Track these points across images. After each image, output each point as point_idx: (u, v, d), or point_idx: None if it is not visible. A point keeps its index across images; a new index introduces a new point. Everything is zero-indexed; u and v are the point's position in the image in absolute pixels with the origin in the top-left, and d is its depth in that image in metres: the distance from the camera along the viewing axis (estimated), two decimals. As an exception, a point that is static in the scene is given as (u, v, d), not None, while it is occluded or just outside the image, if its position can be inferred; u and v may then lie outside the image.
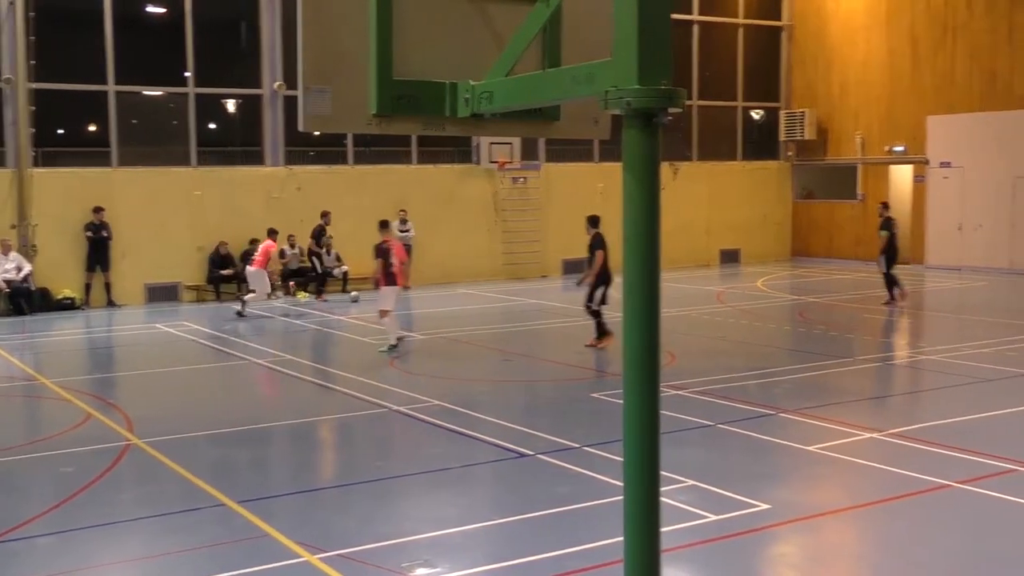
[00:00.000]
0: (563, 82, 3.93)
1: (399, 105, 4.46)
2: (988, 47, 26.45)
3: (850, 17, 29.64)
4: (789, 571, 7.51)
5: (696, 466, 9.44)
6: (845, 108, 29.97)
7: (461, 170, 26.33)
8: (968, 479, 8.98)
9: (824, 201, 30.98)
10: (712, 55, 30.36)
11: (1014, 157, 25.89)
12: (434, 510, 8.61)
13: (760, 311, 20.70)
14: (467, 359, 16.00)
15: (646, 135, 3.46)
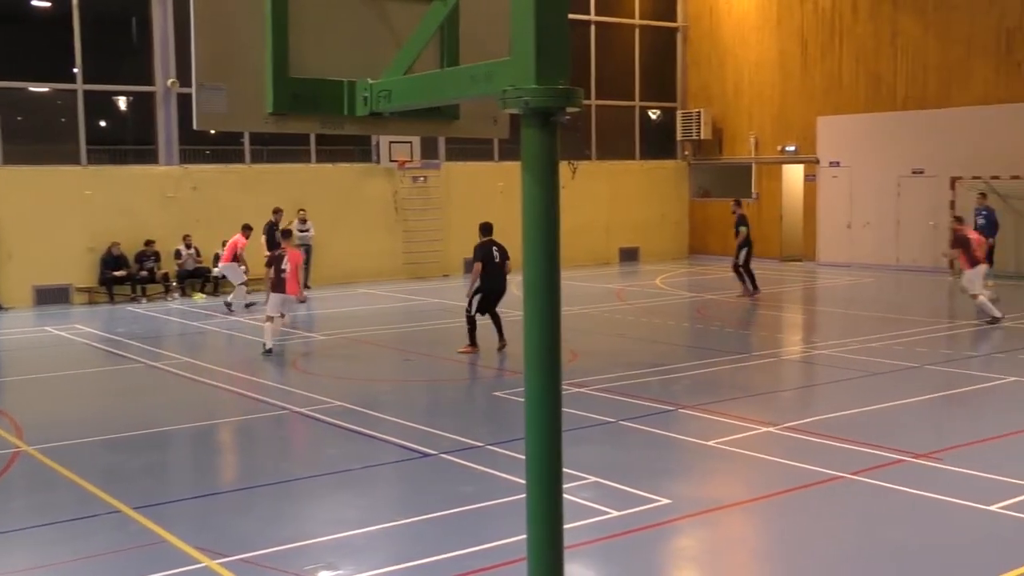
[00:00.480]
0: (461, 81, 3.92)
1: (296, 103, 4.41)
2: (872, 50, 27.28)
3: (742, 19, 30.26)
4: (689, 564, 7.63)
5: (598, 463, 9.53)
6: (739, 108, 30.59)
7: (361, 169, 26.14)
8: (860, 470, 9.24)
9: (720, 200, 31.54)
10: (609, 55, 30.69)
11: (898, 157, 26.75)
12: (336, 512, 8.53)
13: (659, 308, 20.99)
14: (368, 359, 15.89)
15: (544, 134, 3.47)
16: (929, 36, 26.06)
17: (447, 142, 27.02)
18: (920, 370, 13.97)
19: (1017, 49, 24.48)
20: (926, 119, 26.15)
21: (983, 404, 12.01)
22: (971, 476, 9.03)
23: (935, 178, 25.73)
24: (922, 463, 9.47)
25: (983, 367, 13.96)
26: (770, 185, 30.18)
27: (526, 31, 3.43)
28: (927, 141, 26.13)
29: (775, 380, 14.06)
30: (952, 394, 12.49)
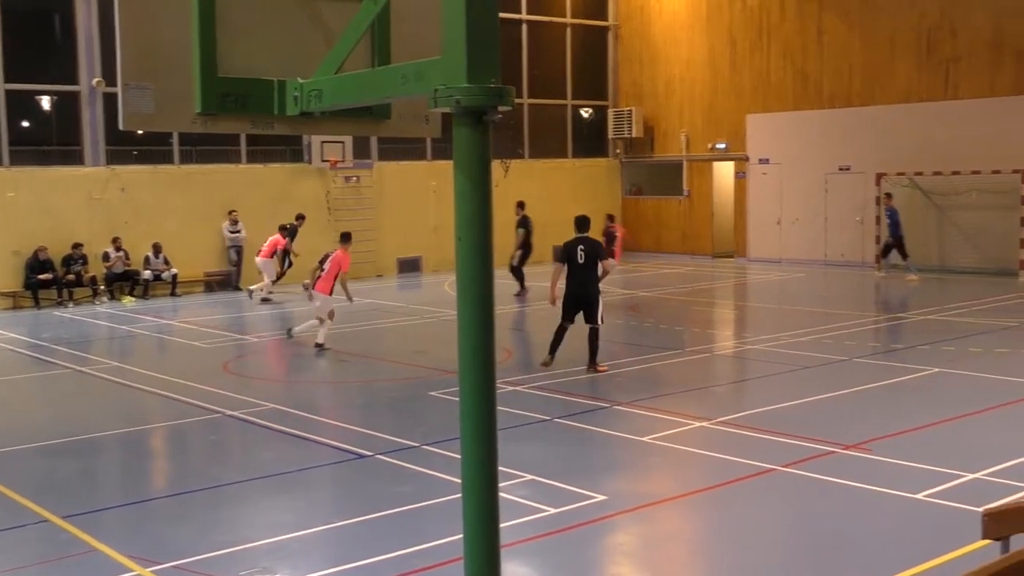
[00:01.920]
0: (392, 80, 3.91)
1: (225, 103, 4.35)
2: (799, 49, 27.72)
3: (673, 18, 30.54)
4: (626, 560, 7.69)
5: (534, 461, 9.56)
6: (670, 106, 30.87)
7: (293, 169, 25.89)
8: (792, 462, 9.39)
9: (652, 197, 31.84)
10: (541, 54, 30.78)
11: (825, 154, 27.21)
12: (272, 515, 8.45)
13: (593, 305, 21.08)
14: (303, 361, 15.76)
15: (476, 133, 3.48)
16: (854, 35, 26.55)
17: (379, 141, 26.87)
18: (849, 363, 14.22)
19: (937, 48, 25.04)
20: (852, 117, 26.65)
21: (909, 395, 12.27)
22: (899, 465, 9.22)
23: (861, 174, 26.23)
24: (852, 454, 9.65)
25: (909, 359, 14.26)
26: (701, 182, 30.51)
27: (457, 30, 3.43)
28: (853, 138, 26.62)
29: (709, 375, 14.22)
30: (879, 386, 12.74)
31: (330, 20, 4.58)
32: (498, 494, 3.74)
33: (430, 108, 3.57)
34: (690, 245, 30.64)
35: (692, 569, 7.56)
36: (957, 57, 24.74)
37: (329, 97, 4.24)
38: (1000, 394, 11.89)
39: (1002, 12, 23.92)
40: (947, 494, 8.38)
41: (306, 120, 4.51)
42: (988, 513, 5.39)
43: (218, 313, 21.21)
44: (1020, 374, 12.92)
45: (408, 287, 25.28)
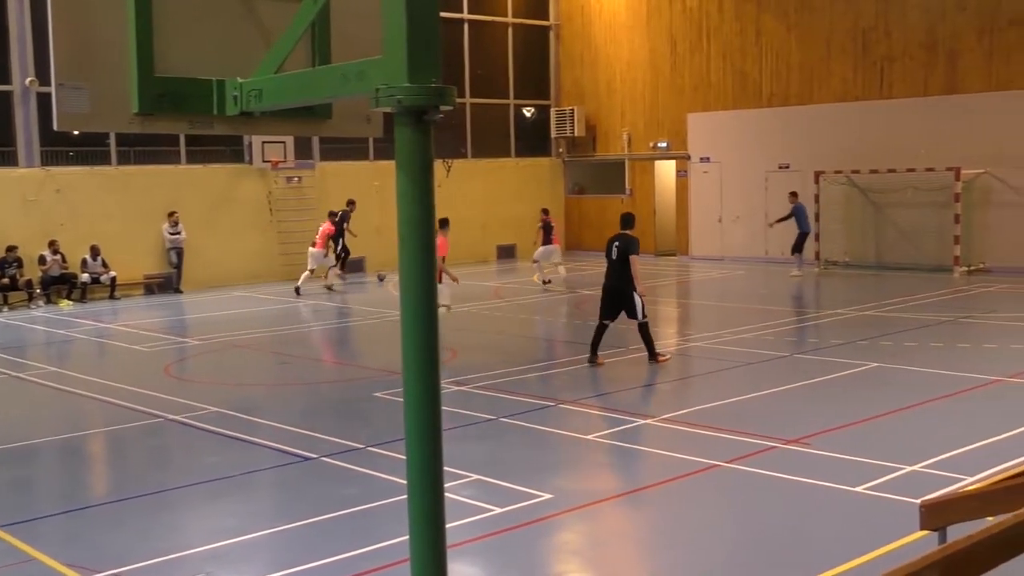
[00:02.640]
0: (333, 80, 3.88)
1: (163, 103, 4.29)
2: (739, 49, 28.02)
3: (613, 18, 30.71)
4: (572, 557, 7.71)
5: (480, 460, 9.56)
6: (612, 106, 31.04)
7: (233, 170, 25.63)
8: (734, 458, 9.48)
9: (595, 196, 31.99)
10: (483, 53, 30.79)
11: (765, 152, 27.54)
12: (214, 520, 8.36)
13: (537, 305, 21.16)
14: (245, 363, 15.61)
15: (418, 133, 3.47)
16: (792, 36, 26.90)
17: (321, 141, 26.70)
18: (789, 359, 14.41)
19: (872, 49, 25.46)
20: (790, 116, 27.00)
21: (848, 389, 12.46)
22: (838, 459, 9.36)
23: (800, 172, 26.56)
24: (793, 448, 9.77)
25: (847, 354, 14.48)
26: (643, 181, 30.72)
27: (397, 29, 3.42)
28: (792, 137, 26.97)
29: (652, 373, 14.31)
30: (819, 381, 12.91)
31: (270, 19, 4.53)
32: (443, 494, 3.73)
33: (372, 108, 3.55)
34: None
35: (637, 566, 7.61)
36: (892, 57, 25.17)
37: (269, 97, 4.20)
38: (936, 388, 12.12)
39: (934, 14, 24.39)
40: (886, 487, 8.51)
41: (246, 120, 4.47)
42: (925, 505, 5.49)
43: (158, 316, 20.93)
44: (955, 368, 13.18)
45: (350, 287, 25.13)
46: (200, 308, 21.75)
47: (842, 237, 25.75)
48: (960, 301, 19.72)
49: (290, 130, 4.91)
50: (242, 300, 22.72)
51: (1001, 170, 23.51)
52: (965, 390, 12.00)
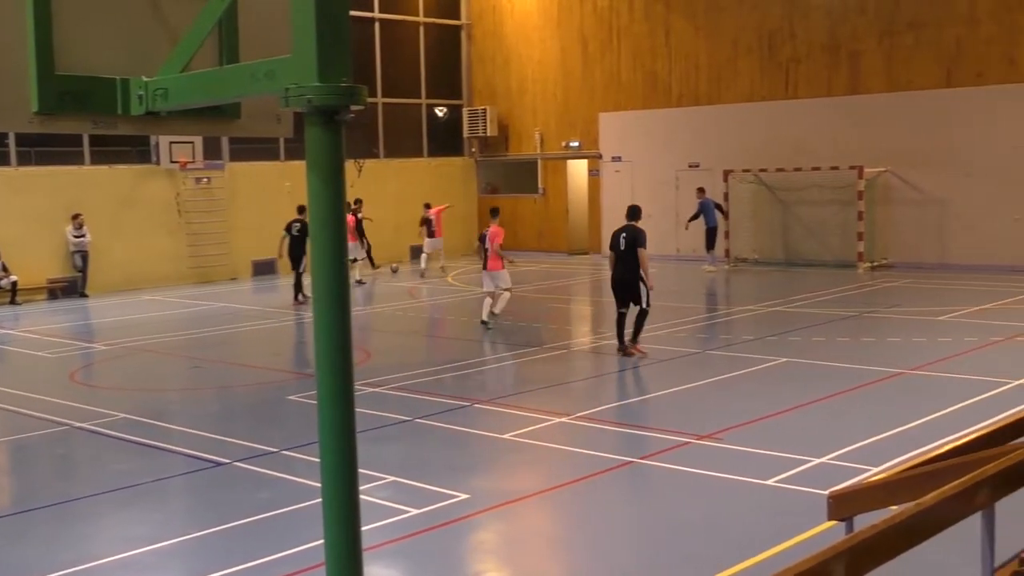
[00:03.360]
0: (242, 79, 3.82)
1: (64, 102, 4.17)
2: (648, 49, 28.35)
3: (525, 18, 30.83)
4: (489, 557, 7.73)
5: (396, 462, 9.52)
6: (524, 105, 31.15)
7: (140, 171, 25.10)
8: (649, 454, 9.60)
9: (508, 196, 32.07)
10: (395, 53, 30.65)
11: (675, 152, 27.91)
12: (124, 529, 8.18)
13: (452, 305, 21.14)
14: (155, 368, 15.30)
15: (329, 133, 3.43)
16: (700, 37, 27.30)
17: (231, 142, 26.30)
18: (702, 355, 14.63)
19: (778, 50, 25.97)
20: (699, 115, 27.40)
21: (758, 384, 12.69)
22: (749, 453, 9.53)
23: (710, 171, 26.98)
24: (705, 444, 9.92)
25: (758, 350, 14.75)
26: (556, 180, 30.90)
27: (307, 28, 3.38)
28: (701, 136, 27.38)
29: (567, 371, 14.40)
30: (731, 376, 13.12)
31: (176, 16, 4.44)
32: (359, 497, 3.71)
33: (281, 107, 3.51)
34: (546, 242, 30.99)
35: (554, 564, 7.65)
36: (797, 58, 25.72)
37: (175, 96, 4.12)
38: (842, 381, 12.41)
39: (836, 16, 24.98)
40: (795, 479, 8.70)
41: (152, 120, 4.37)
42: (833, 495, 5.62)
43: (63, 321, 20.40)
44: (860, 361, 13.52)
45: (263, 290, 24.82)
46: (107, 312, 21.25)
47: (751, 234, 26.23)
48: (864, 296, 20.24)
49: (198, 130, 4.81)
50: (151, 304, 22.27)
51: (901, 168, 24.19)
52: (870, 383, 12.32)
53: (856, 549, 3.95)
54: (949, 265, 23.40)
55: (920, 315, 17.26)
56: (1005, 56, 22.66)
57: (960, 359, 13.49)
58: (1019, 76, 22.49)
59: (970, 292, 19.70)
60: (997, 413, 10.01)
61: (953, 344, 14.43)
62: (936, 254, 23.82)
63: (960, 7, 23.14)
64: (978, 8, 22.90)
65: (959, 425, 9.86)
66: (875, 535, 4.08)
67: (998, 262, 22.72)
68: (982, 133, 22.96)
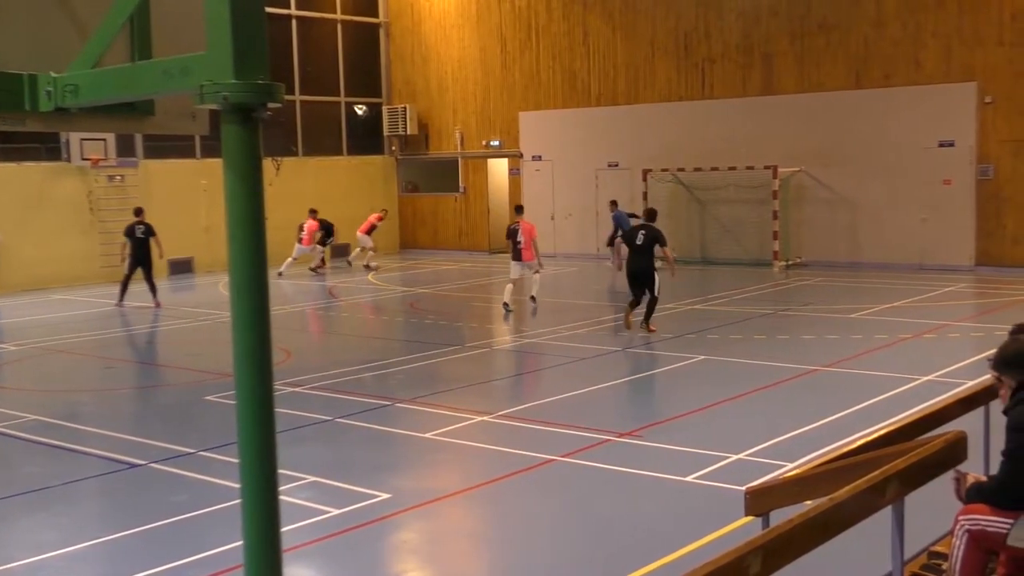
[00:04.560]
0: (155, 75, 3.75)
1: (-31, 98, 4.06)
2: (567, 49, 28.52)
3: (443, 16, 30.78)
4: (411, 556, 7.70)
5: (316, 462, 9.44)
6: (444, 104, 31.11)
7: (50, 168, 24.48)
8: (569, 452, 9.65)
9: (428, 194, 32.01)
10: (313, 50, 30.37)
11: (595, 151, 28.12)
12: (32, 534, 7.97)
13: (372, 304, 21.01)
14: (66, 369, 14.94)
15: (246, 130, 3.39)
16: (617, 37, 27.54)
17: (145, 139, 25.79)
18: (622, 353, 14.76)
19: (694, 50, 26.32)
20: (618, 115, 27.64)
21: (677, 382, 12.86)
22: (668, 450, 9.65)
23: (629, 170, 27.23)
24: (625, 441, 10.02)
25: (677, 348, 14.93)
26: (476, 179, 30.91)
27: (221, 24, 3.33)
28: (620, 136, 27.62)
29: (488, 370, 14.43)
30: (650, 374, 13.28)
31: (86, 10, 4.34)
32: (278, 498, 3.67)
33: (196, 105, 3.45)
34: (467, 241, 30.99)
35: (476, 562, 7.66)
36: (712, 59, 26.08)
37: (86, 92, 4.02)
38: (759, 378, 12.63)
39: (750, 18, 25.39)
40: (713, 475, 8.82)
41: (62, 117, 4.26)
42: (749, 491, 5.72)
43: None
44: (777, 358, 13.77)
45: (181, 289, 24.40)
46: (16, 312, 20.69)
47: (669, 233, 26.47)
48: (780, 294, 20.62)
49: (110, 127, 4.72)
50: (62, 303, 21.74)
51: (814, 168, 24.69)
52: (785, 380, 12.55)
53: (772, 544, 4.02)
54: (860, 263, 23.95)
55: (833, 313, 17.64)
56: (911, 58, 23.27)
57: (871, 356, 13.81)
58: (924, 78, 23.11)
59: (880, 290, 20.19)
60: (907, 409, 10.28)
61: (864, 341, 14.78)
62: (848, 253, 24.37)
63: (867, 9, 23.69)
64: (884, 10, 23.47)
65: (871, 421, 10.10)
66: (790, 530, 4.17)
67: (906, 260, 23.34)
68: (890, 134, 23.54)
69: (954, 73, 22.75)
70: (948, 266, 22.82)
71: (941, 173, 23.03)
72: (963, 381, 11.58)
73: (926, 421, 6.28)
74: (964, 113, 22.67)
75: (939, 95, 22.89)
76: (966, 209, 22.85)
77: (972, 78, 22.52)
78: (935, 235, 23.16)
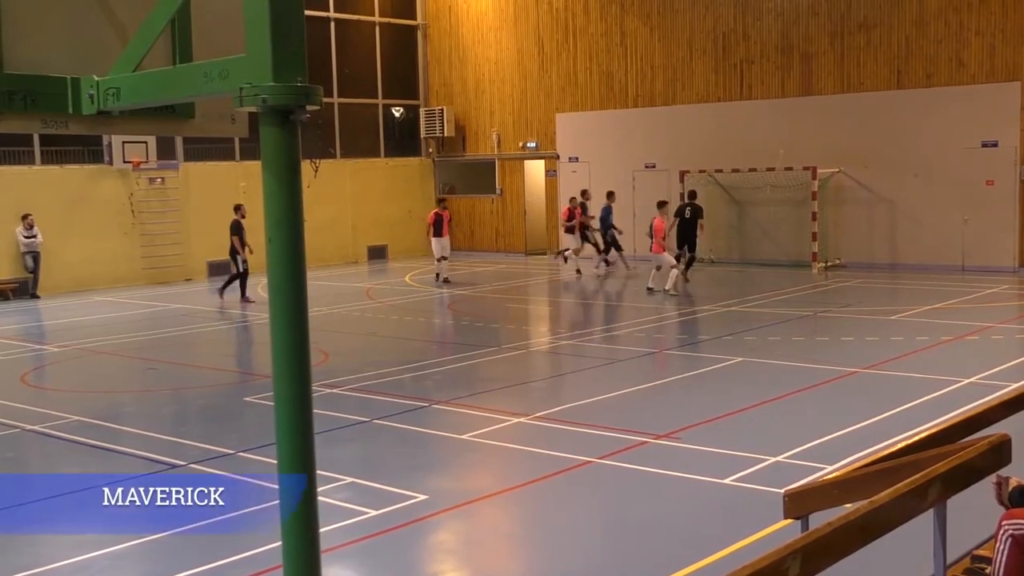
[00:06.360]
0: (195, 78, 3.79)
1: (13, 101, 4.11)
2: (604, 50, 28.45)
3: (480, 18, 30.81)
4: (448, 557, 7.71)
5: (353, 463, 9.48)
6: (481, 106, 31.14)
7: (92, 170, 24.77)
8: (607, 454, 9.62)
9: (465, 196, 32.04)
10: (351, 53, 30.51)
11: (632, 152, 28.02)
12: (75, 534, 8.05)
13: (409, 305, 21.08)
14: (109, 370, 15.11)
15: (284, 132, 3.41)
16: (655, 38, 27.44)
17: (185, 142, 26.02)
18: (659, 355, 14.70)
19: (732, 51, 26.16)
20: (655, 116, 27.53)
21: (715, 384, 12.78)
22: (707, 452, 9.59)
23: (666, 171, 27.11)
24: (663, 443, 9.97)
25: (714, 349, 14.85)
26: (513, 180, 30.90)
27: (261, 27, 3.36)
28: (657, 137, 27.51)
29: (525, 371, 14.42)
30: (688, 376, 13.21)
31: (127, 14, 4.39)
32: (316, 498, 3.69)
33: (236, 107, 3.48)
34: (503, 243, 30.99)
35: (513, 563, 7.66)
36: (750, 59, 25.92)
37: (127, 95, 4.07)
38: (798, 380, 12.53)
39: (788, 18, 25.21)
40: (751, 478, 8.76)
41: (104, 119, 4.32)
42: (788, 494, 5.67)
43: (14, 323, 20.10)
44: (815, 360, 13.65)
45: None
46: (59, 314, 20.96)
47: (707, 234, 26.36)
48: (819, 296, 20.44)
49: (151, 130, 4.77)
50: (104, 305, 21.99)
51: (853, 169, 24.45)
52: (825, 382, 12.44)
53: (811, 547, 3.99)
54: (900, 265, 23.70)
55: (873, 315, 17.47)
56: (953, 57, 22.99)
57: (912, 358, 13.66)
58: (967, 77, 22.83)
59: (920, 292, 19.97)
60: (948, 411, 10.15)
61: (905, 343, 14.62)
62: (887, 254, 24.11)
63: (909, 8, 23.44)
64: (926, 9, 23.21)
65: (911, 423, 9.98)
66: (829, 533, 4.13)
67: (947, 262, 23.06)
68: (931, 134, 23.28)
69: (998, 72, 22.45)
70: (990, 267, 22.52)
71: (984, 174, 22.73)
72: (1007, 384, 11.41)
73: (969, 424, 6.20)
74: (1008, 113, 22.36)
75: (982, 95, 22.60)
76: (1009, 210, 22.54)
77: (1016, 78, 22.22)
78: (977, 236, 22.87)
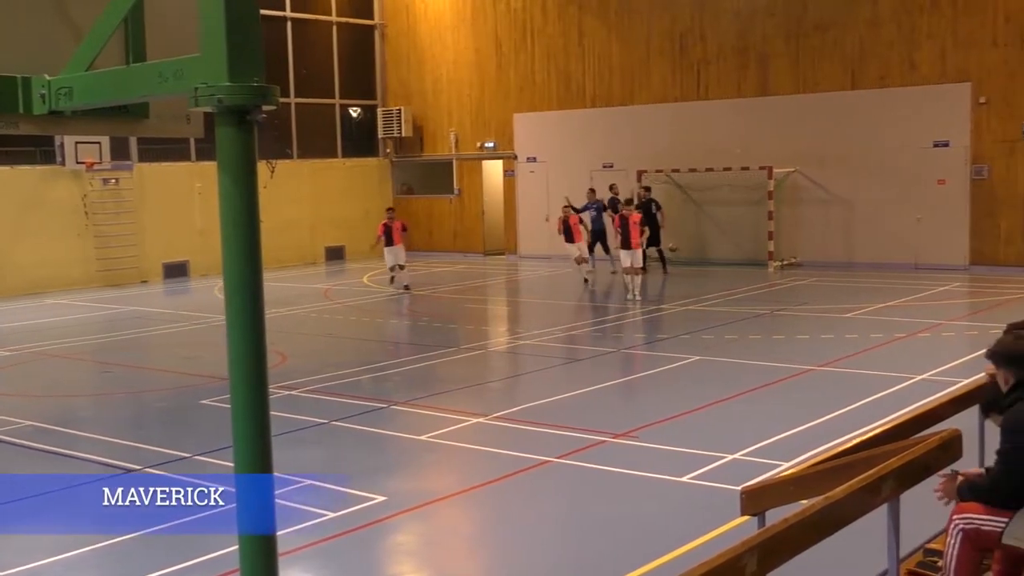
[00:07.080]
0: (149, 78, 3.75)
1: (-38, 101, 4.05)
2: (562, 51, 28.51)
3: (438, 18, 30.77)
4: (408, 558, 7.70)
5: (312, 465, 9.44)
6: (439, 106, 31.09)
7: (44, 171, 24.43)
8: (565, 453, 9.65)
9: (423, 196, 31.99)
10: (307, 52, 30.34)
11: (590, 152, 28.11)
12: (28, 540, 7.95)
13: (368, 306, 21.01)
14: (63, 374, 14.92)
15: (240, 133, 3.39)
16: (612, 38, 27.54)
17: (139, 142, 25.73)
18: (617, 354, 14.77)
19: (689, 52, 26.33)
20: (613, 116, 27.64)
21: (673, 382, 12.85)
22: (664, 451, 9.65)
23: (623, 171, 27.23)
24: (621, 442, 10.02)
25: (671, 348, 14.94)
26: (471, 181, 30.89)
27: (215, 26, 3.33)
28: (615, 137, 27.62)
29: (484, 372, 14.42)
30: (646, 375, 13.28)
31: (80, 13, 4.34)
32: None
33: (191, 107, 3.45)
34: (462, 243, 30.97)
35: (472, 563, 7.66)
36: (707, 60, 26.09)
37: (80, 95, 4.02)
38: (755, 378, 12.63)
39: (745, 19, 25.41)
40: (709, 475, 8.83)
41: (56, 120, 4.26)
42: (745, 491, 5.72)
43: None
44: (772, 358, 13.78)
45: (175, 292, 24.37)
46: (10, 317, 20.64)
47: (664, 233, 26.53)
48: (775, 294, 20.63)
49: (105, 130, 4.71)
50: (58, 308, 21.70)
51: (809, 168, 24.70)
52: (781, 380, 12.56)
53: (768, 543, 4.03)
54: (855, 263, 23.97)
55: (828, 313, 17.66)
56: (906, 59, 23.30)
57: (866, 355, 13.83)
58: (919, 79, 23.14)
59: (875, 290, 20.21)
60: (901, 408, 10.29)
61: (859, 341, 14.79)
62: (842, 253, 24.38)
63: (863, 10, 23.72)
64: (880, 11, 23.49)
65: (865, 420, 10.10)
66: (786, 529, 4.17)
67: (901, 260, 23.35)
68: (885, 134, 23.56)
69: (949, 74, 22.78)
70: (942, 266, 22.85)
71: (936, 173, 23.06)
72: (957, 380, 11.58)
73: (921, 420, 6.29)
74: (959, 114, 22.69)
75: (934, 96, 22.92)
76: (960, 209, 22.88)
77: (966, 79, 22.56)
78: (929, 235, 23.19)
